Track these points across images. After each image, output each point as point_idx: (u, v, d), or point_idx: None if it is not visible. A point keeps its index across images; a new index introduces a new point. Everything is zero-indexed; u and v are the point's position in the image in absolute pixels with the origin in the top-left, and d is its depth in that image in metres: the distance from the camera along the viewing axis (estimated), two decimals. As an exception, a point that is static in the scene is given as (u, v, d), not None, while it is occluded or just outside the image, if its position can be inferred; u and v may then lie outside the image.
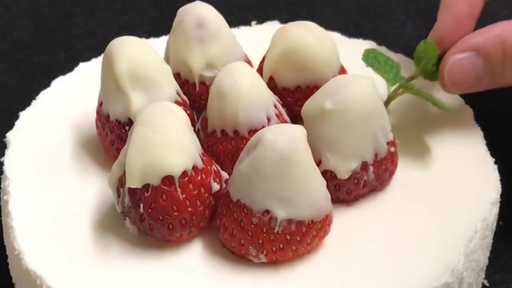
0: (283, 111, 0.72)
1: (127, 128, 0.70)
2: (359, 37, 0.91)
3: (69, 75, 0.84)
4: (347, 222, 0.70)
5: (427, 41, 0.75)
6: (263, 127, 0.69)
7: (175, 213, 0.65)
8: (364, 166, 0.69)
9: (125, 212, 0.66)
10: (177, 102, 0.71)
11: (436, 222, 0.69)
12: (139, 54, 0.70)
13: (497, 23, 0.73)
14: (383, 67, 0.77)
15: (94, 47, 1.07)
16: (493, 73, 0.72)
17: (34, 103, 0.81)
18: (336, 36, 0.87)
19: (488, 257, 0.74)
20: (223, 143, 0.70)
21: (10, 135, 0.77)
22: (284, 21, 0.84)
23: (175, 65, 0.76)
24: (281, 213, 0.63)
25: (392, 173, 0.72)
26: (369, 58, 0.77)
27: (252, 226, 0.64)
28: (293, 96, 0.75)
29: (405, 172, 0.74)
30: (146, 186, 0.64)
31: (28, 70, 1.07)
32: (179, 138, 0.64)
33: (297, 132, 0.63)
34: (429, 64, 0.76)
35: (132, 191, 0.65)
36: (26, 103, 0.81)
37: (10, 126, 0.78)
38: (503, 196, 0.73)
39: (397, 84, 0.77)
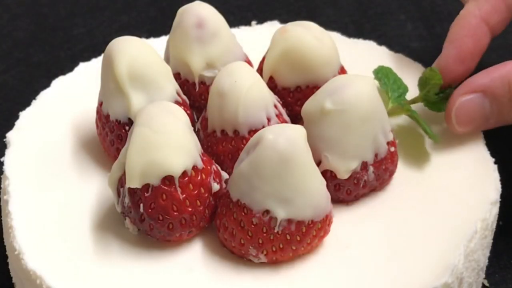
0: (283, 111, 0.72)
1: (127, 128, 0.70)
2: (359, 37, 0.91)
3: (69, 75, 0.84)
4: (347, 222, 0.70)
5: (433, 68, 0.76)
6: (263, 127, 0.69)
7: (175, 213, 0.65)
8: (364, 166, 0.69)
9: (125, 212, 0.66)
10: (177, 102, 0.71)
11: (436, 222, 0.69)
12: (139, 54, 0.70)
13: (503, 63, 0.73)
14: (390, 85, 0.77)
15: (94, 47, 1.07)
16: (500, 113, 0.73)
17: (34, 103, 0.81)
18: (336, 36, 0.87)
19: (488, 257, 0.74)
20: (223, 143, 0.70)
21: (10, 135, 0.77)
22: (284, 21, 0.84)
23: (175, 65, 0.76)
24: (281, 213, 0.63)
25: (392, 173, 0.72)
26: (380, 73, 0.78)
27: (252, 226, 0.64)
28: (293, 96, 0.75)
29: (405, 172, 0.74)
30: (146, 186, 0.64)
31: (28, 70, 1.07)
32: (179, 138, 0.64)
33: (297, 132, 0.63)
34: (431, 92, 0.76)
35: (132, 191, 0.65)
36: (26, 103, 0.81)
37: (10, 126, 0.78)
38: (503, 196, 0.73)
39: (397, 104, 0.77)
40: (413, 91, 0.78)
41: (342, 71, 0.77)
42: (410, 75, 0.80)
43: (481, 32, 0.76)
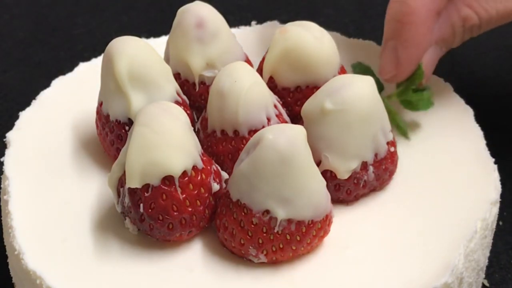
0: (283, 111, 0.72)
1: (127, 128, 0.70)
2: (359, 37, 0.91)
3: (69, 75, 0.84)
4: (347, 222, 0.70)
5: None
6: (263, 127, 0.69)
7: (175, 213, 0.65)
8: (364, 166, 0.69)
9: (125, 212, 0.66)
10: (177, 102, 0.71)
11: (436, 222, 0.69)
12: (139, 54, 0.70)
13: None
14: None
15: (94, 47, 1.07)
16: (447, 48, 0.79)
17: (34, 103, 0.81)
18: (336, 36, 0.87)
19: (488, 257, 0.74)
20: (223, 143, 0.70)
21: (10, 135, 0.77)
22: (284, 21, 0.84)
23: (175, 65, 0.76)
24: (281, 213, 0.63)
25: (392, 173, 0.72)
26: (357, 68, 0.79)
27: (252, 226, 0.64)
28: (293, 96, 0.75)
29: (405, 172, 0.74)
30: (146, 186, 0.64)
31: (28, 70, 1.07)
32: (179, 138, 0.64)
33: (297, 132, 0.63)
34: (409, 88, 0.76)
35: (132, 191, 0.65)
36: (26, 103, 0.81)
37: (10, 126, 0.78)
38: (503, 196, 0.73)
39: None
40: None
41: (342, 71, 0.77)
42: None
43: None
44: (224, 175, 0.68)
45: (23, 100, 0.83)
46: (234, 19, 1.06)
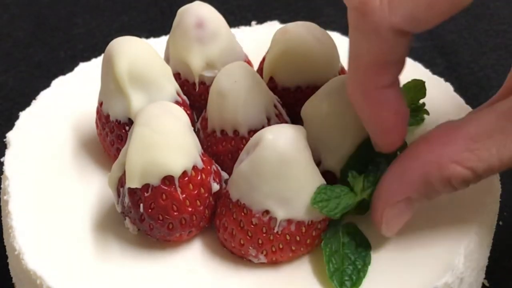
0: (283, 111, 0.72)
1: (127, 128, 0.70)
2: (359, 37, 0.90)
3: (69, 75, 0.84)
4: (347, 222, 0.69)
5: (419, 80, 0.75)
6: (263, 127, 0.69)
7: (175, 213, 0.65)
8: (364, 166, 0.69)
9: (125, 212, 0.66)
10: (177, 102, 0.71)
11: (436, 222, 0.69)
12: (139, 54, 0.70)
13: (414, 151, 0.63)
14: None
15: (94, 47, 1.07)
16: (419, 203, 0.66)
17: (34, 103, 0.81)
18: (336, 36, 0.86)
19: (488, 257, 0.74)
20: (223, 143, 0.70)
21: (10, 135, 0.77)
22: (284, 21, 0.84)
23: (175, 65, 0.76)
24: (280, 213, 0.63)
25: (392, 173, 0.72)
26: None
27: (252, 226, 0.64)
28: (293, 96, 0.75)
29: (405, 172, 0.73)
30: (146, 186, 0.64)
31: (28, 70, 1.07)
32: (179, 138, 0.64)
33: (297, 132, 0.63)
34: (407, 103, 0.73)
35: (132, 191, 0.65)
36: (26, 103, 0.81)
37: (10, 126, 0.78)
38: (503, 196, 0.73)
39: None
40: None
41: (343, 71, 0.77)
42: (409, 75, 0.80)
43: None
44: (224, 175, 0.69)
45: (23, 100, 0.83)
46: (234, 19, 1.06)
